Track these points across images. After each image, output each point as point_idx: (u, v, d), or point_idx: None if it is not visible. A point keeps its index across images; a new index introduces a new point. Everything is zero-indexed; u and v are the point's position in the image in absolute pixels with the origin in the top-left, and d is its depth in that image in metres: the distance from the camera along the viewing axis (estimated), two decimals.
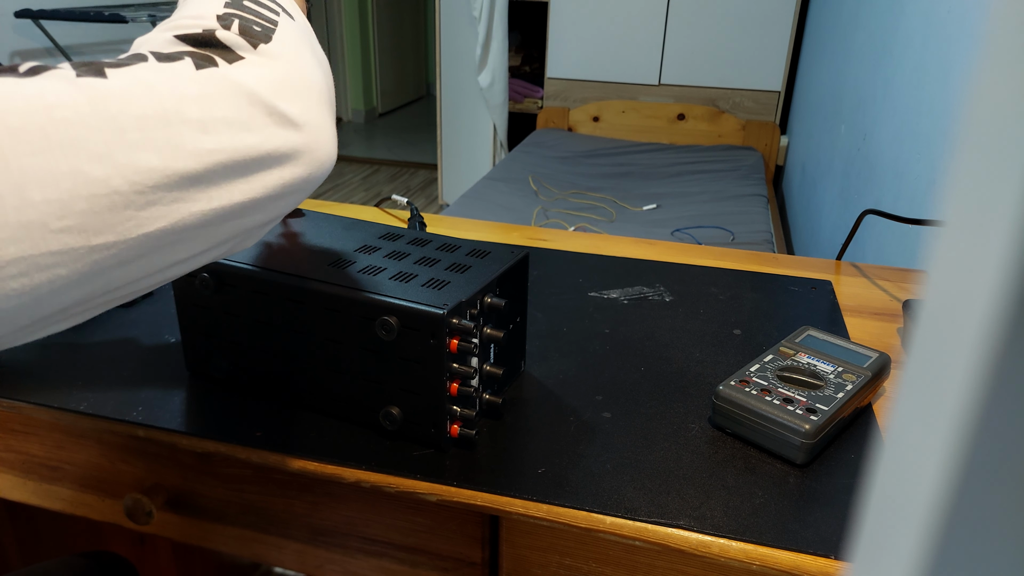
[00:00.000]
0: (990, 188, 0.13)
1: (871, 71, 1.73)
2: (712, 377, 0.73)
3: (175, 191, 0.37)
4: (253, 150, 0.40)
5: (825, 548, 0.53)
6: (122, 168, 0.35)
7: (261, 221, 0.43)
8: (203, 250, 0.42)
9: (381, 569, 0.67)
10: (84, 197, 0.34)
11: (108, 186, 0.35)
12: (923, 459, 0.15)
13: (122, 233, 0.36)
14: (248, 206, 0.41)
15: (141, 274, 0.39)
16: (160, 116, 0.37)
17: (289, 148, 0.42)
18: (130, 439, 0.69)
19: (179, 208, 0.38)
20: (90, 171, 0.34)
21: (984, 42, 0.14)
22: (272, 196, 0.42)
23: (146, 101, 0.36)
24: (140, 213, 0.36)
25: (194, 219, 0.39)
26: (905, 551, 0.16)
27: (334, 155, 0.46)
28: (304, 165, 0.43)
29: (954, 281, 0.14)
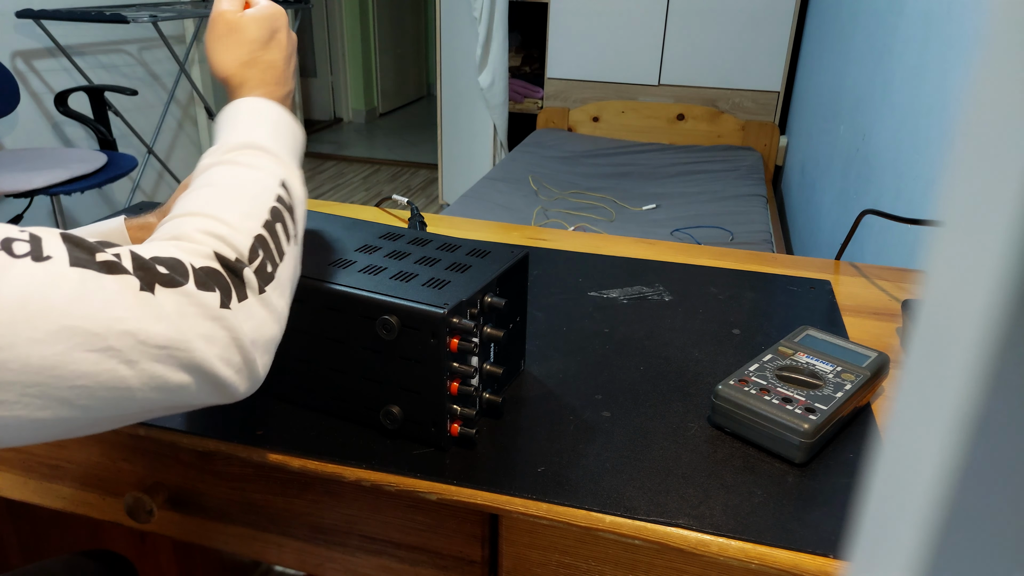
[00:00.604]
0: (989, 188, 0.13)
1: (870, 71, 1.73)
2: (711, 376, 0.73)
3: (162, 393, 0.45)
4: (224, 379, 0.47)
5: (824, 547, 0.53)
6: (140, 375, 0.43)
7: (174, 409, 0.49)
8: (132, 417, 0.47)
9: (381, 567, 0.67)
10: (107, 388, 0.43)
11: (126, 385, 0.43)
12: (922, 458, 0.15)
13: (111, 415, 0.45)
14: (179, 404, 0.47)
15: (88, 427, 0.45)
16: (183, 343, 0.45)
17: (242, 387, 0.48)
18: (131, 438, 0.69)
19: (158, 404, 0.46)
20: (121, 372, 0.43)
21: (984, 42, 0.14)
22: (199, 403, 0.48)
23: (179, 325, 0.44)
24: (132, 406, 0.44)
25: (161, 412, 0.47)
26: (904, 550, 0.16)
27: (249, 390, 0.50)
28: (233, 397, 0.49)
29: (953, 281, 0.14)
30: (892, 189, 1.42)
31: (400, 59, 5.89)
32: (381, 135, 5.26)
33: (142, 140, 2.97)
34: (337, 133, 5.27)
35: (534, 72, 3.61)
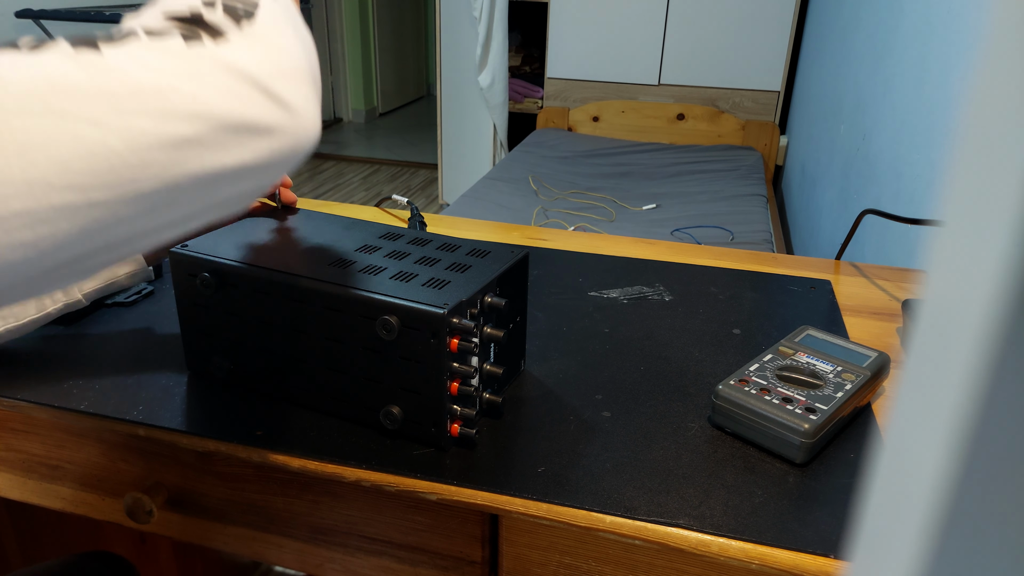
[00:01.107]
0: (989, 188, 0.13)
1: (871, 71, 1.73)
2: (711, 376, 0.73)
3: (170, 153, 0.40)
4: (241, 118, 0.42)
5: (824, 547, 0.53)
6: (118, 132, 0.38)
7: (248, 189, 0.46)
8: (195, 212, 0.44)
9: (381, 568, 0.67)
10: (82, 157, 0.37)
11: (105, 147, 0.38)
12: (923, 458, 0.15)
13: (119, 191, 0.39)
14: (239, 172, 0.43)
15: (138, 231, 0.42)
16: (153, 87, 0.39)
17: (274, 121, 0.44)
18: (131, 438, 0.69)
19: (172, 169, 0.40)
20: (88, 134, 0.37)
21: (984, 42, 0.14)
22: (260, 165, 0.44)
23: (140, 74, 0.39)
24: (136, 172, 0.39)
25: (187, 181, 0.41)
26: (904, 550, 0.16)
27: (318, 130, 0.48)
28: (290, 138, 0.45)
29: (953, 281, 0.14)
30: (892, 189, 1.42)
31: (400, 59, 5.89)
32: (381, 135, 5.26)
33: None
34: (337, 133, 5.27)
35: (534, 72, 3.61)
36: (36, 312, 0.69)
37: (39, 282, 0.40)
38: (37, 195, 0.36)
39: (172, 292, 0.83)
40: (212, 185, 0.43)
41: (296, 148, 0.46)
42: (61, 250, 0.39)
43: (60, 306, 0.70)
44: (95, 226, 0.39)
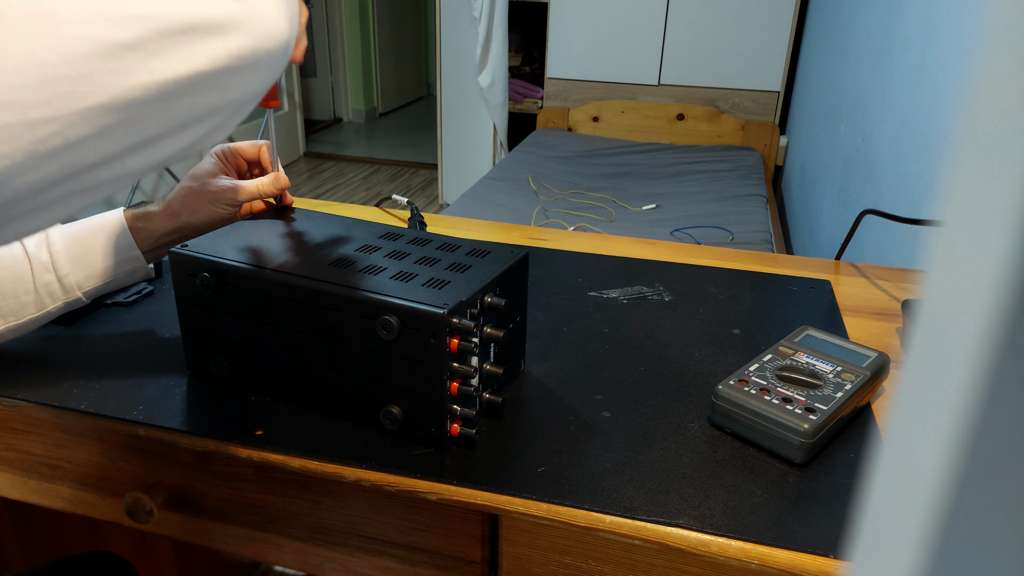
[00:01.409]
0: (989, 188, 0.13)
1: (870, 71, 1.73)
2: (711, 376, 0.73)
3: (110, 61, 0.36)
4: (188, 17, 0.39)
5: (824, 547, 0.53)
6: (48, 39, 0.35)
7: (216, 103, 0.42)
8: (159, 134, 0.41)
9: (381, 568, 0.67)
10: (12, 71, 0.34)
11: (36, 59, 0.34)
12: (922, 458, 0.15)
13: (60, 107, 0.35)
14: (196, 80, 0.40)
15: (96, 159, 0.39)
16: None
17: (226, 16, 0.40)
18: (131, 438, 0.69)
19: (118, 80, 0.37)
20: (14, 48, 0.34)
21: (983, 42, 0.14)
22: (221, 71, 0.41)
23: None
24: (75, 85, 0.36)
25: (137, 93, 0.38)
26: (904, 550, 0.16)
27: (282, 26, 0.44)
28: (248, 35, 0.41)
29: (953, 281, 0.14)
30: (892, 189, 1.42)
31: (400, 59, 5.89)
32: (381, 135, 5.26)
33: None
34: (337, 133, 5.27)
35: (534, 72, 3.61)
36: (36, 311, 0.68)
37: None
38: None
39: (172, 292, 0.83)
40: (168, 98, 0.39)
41: (259, 48, 0.42)
42: (8, 182, 0.35)
43: (60, 304, 0.69)
44: (42, 150, 0.36)
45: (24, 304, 0.68)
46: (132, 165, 0.41)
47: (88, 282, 0.70)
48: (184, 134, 0.42)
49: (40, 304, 0.68)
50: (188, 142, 0.43)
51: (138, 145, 0.40)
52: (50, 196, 0.38)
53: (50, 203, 0.39)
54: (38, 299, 0.68)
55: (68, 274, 0.68)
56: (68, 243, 0.69)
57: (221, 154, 0.76)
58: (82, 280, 0.69)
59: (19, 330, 0.69)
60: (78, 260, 0.69)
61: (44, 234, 0.69)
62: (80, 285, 0.69)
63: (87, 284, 0.70)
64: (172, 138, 0.42)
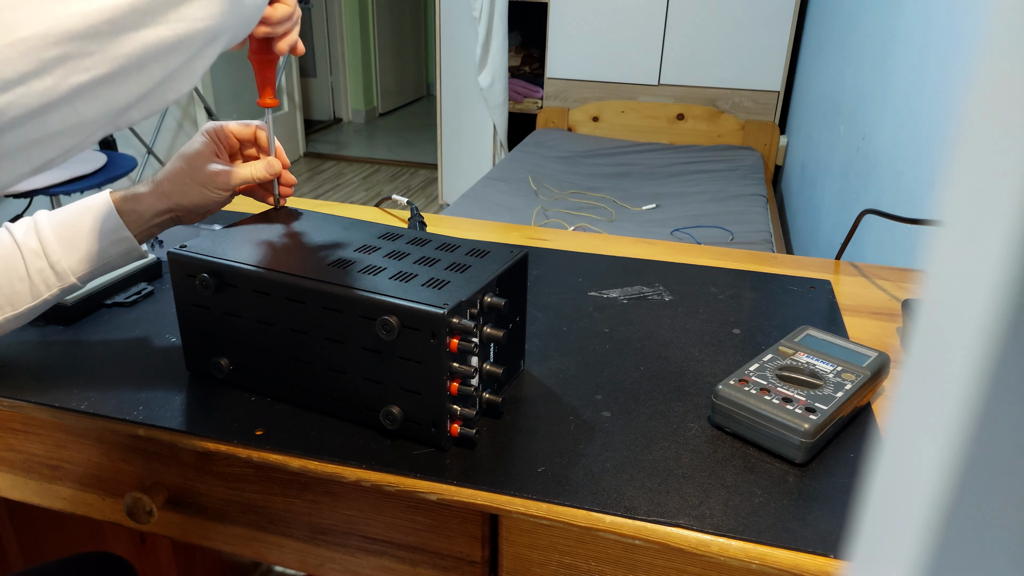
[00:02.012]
0: (988, 188, 0.13)
1: (870, 71, 1.73)
2: (711, 376, 0.73)
3: None
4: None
5: (824, 547, 0.53)
6: None
7: (168, 36, 0.42)
8: (108, 73, 0.40)
9: (382, 568, 0.67)
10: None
11: None
12: (922, 458, 0.15)
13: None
14: (141, 8, 0.40)
15: (41, 100, 0.38)
16: None
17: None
18: (131, 438, 0.69)
19: (53, 9, 0.37)
20: None
21: (983, 42, 0.14)
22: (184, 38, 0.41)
23: None
24: (4, 15, 0.36)
25: (75, 22, 0.38)
26: (904, 550, 0.16)
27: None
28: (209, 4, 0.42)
29: (953, 280, 0.14)
30: (892, 189, 1.42)
31: (400, 59, 5.89)
32: (381, 135, 5.26)
33: (142, 140, 2.96)
34: (337, 133, 5.27)
35: (534, 72, 3.61)
36: (32, 300, 0.67)
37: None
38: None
39: (172, 292, 0.83)
40: (114, 29, 0.40)
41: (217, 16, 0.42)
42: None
43: (56, 291, 0.68)
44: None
45: (19, 293, 0.66)
46: (85, 111, 0.39)
47: (81, 266, 0.68)
48: (139, 76, 0.41)
49: (36, 292, 0.67)
50: (146, 86, 0.41)
51: (86, 86, 0.39)
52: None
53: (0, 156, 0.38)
54: (33, 287, 0.67)
55: (60, 259, 0.67)
56: (57, 228, 0.67)
57: (212, 133, 0.74)
58: (75, 264, 0.68)
59: (18, 320, 0.68)
60: (69, 244, 0.67)
61: (32, 221, 0.67)
62: (73, 270, 0.68)
63: (80, 268, 0.68)
64: (126, 79, 0.40)
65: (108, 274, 0.74)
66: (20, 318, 0.68)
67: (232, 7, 0.44)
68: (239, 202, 1.16)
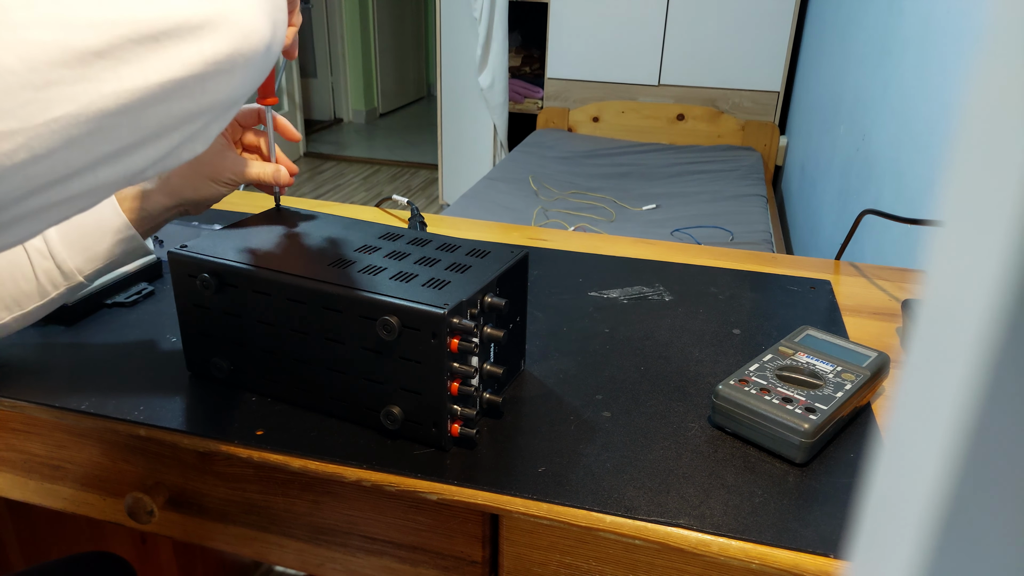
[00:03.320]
0: (989, 188, 0.13)
1: (870, 71, 1.73)
2: (711, 376, 0.73)
3: (77, 69, 0.35)
4: (160, 21, 0.37)
5: (824, 547, 0.53)
6: (11, 46, 0.33)
7: (192, 109, 0.40)
8: (131, 144, 0.39)
9: (382, 568, 0.67)
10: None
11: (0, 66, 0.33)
12: (922, 458, 0.15)
13: (24, 118, 0.34)
14: (170, 87, 0.38)
15: (65, 171, 0.37)
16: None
17: (201, 19, 0.38)
18: (131, 438, 0.69)
19: (87, 89, 0.35)
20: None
21: (983, 42, 0.14)
22: (196, 76, 0.39)
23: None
24: (40, 94, 0.34)
25: (108, 102, 0.36)
26: (904, 550, 0.16)
27: (262, 28, 0.41)
28: (225, 38, 0.39)
29: (953, 281, 0.14)
30: (892, 189, 1.42)
31: (400, 59, 5.89)
32: (381, 135, 5.26)
33: None
34: (337, 133, 5.27)
35: (534, 72, 3.61)
36: (40, 299, 0.67)
37: None
38: None
39: (172, 292, 0.83)
40: (141, 107, 0.37)
41: (236, 52, 0.39)
42: None
43: (63, 290, 0.68)
44: (7, 163, 0.34)
45: (27, 293, 0.67)
46: (104, 176, 0.39)
47: (88, 265, 0.68)
48: (159, 143, 0.41)
49: (43, 292, 0.67)
50: (164, 150, 0.41)
51: (110, 155, 0.38)
52: (18, 211, 0.37)
53: (19, 218, 0.37)
54: (40, 287, 0.67)
55: (66, 259, 0.67)
56: (62, 228, 0.67)
57: (233, 125, 0.74)
58: (81, 264, 0.68)
59: (26, 319, 0.68)
60: (74, 244, 0.67)
61: None
62: (80, 269, 0.68)
63: (87, 268, 0.68)
64: (146, 147, 0.40)
65: (110, 274, 0.74)
66: (28, 317, 0.68)
67: (256, 76, 0.44)
68: (239, 202, 1.16)
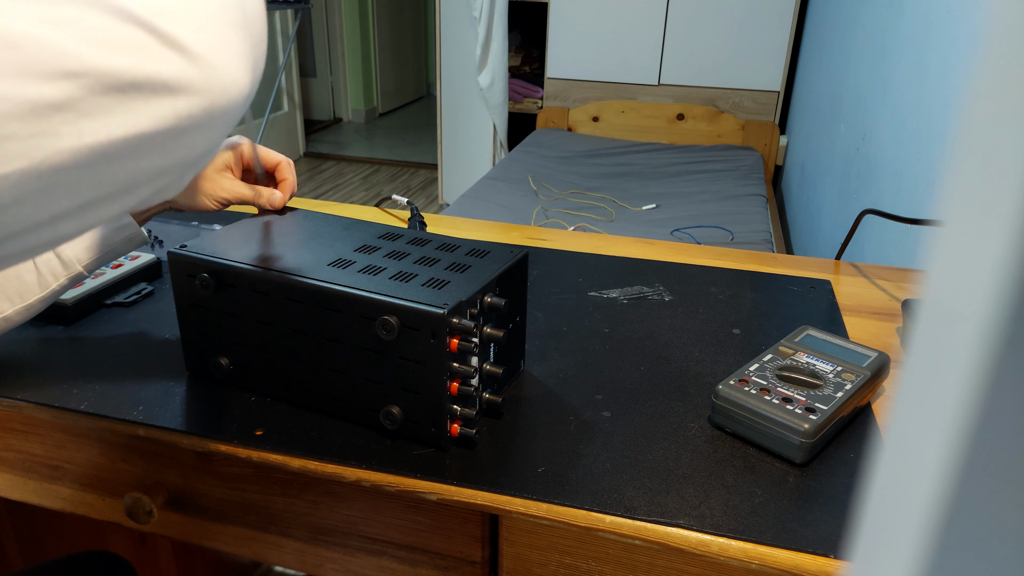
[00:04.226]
0: (989, 188, 0.13)
1: (870, 71, 1.73)
2: (711, 376, 0.73)
3: (32, 123, 0.32)
4: (129, 73, 0.34)
5: (824, 547, 0.53)
6: None
7: (161, 166, 0.37)
8: (95, 199, 0.36)
9: (382, 568, 0.67)
10: None
11: None
12: (923, 458, 0.15)
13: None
14: (136, 143, 0.35)
15: (19, 227, 0.34)
16: (5, 38, 0.31)
17: (174, 74, 0.35)
18: (130, 438, 0.69)
19: (42, 144, 0.32)
20: None
21: (983, 42, 0.14)
22: (166, 132, 0.36)
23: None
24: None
25: (64, 158, 0.33)
26: (904, 550, 0.16)
27: (243, 80, 0.38)
28: (202, 94, 0.36)
29: (953, 281, 0.14)
30: (892, 189, 1.42)
31: (400, 59, 5.89)
32: (381, 135, 5.26)
33: None
34: (337, 133, 5.27)
35: (534, 72, 3.61)
36: (41, 291, 0.68)
37: None
38: None
39: (172, 292, 0.83)
40: (104, 163, 0.35)
41: (213, 106, 0.37)
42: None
43: (64, 281, 0.69)
44: None
45: (28, 284, 0.67)
46: (65, 230, 0.37)
47: (86, 255, 0.69)
48: (126, 198, 0.37)
49: (44, 283, 0.68)
50: (131, 204, 0.38)
51: (70, 211, 0.36)
52: None
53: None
54: (41, 278, 0.68)
55: (65, 248, 0.68)
56: None
57: (239, 152, 0.77)
58: (80, 253, 0.69)
59: (28, 311, 0.68)
60: None
61: None
62: (79, 258, 0.69)
63: (85, 257, 0.69)
64: (110, 202, 0.37)
65: (108, 275, 0.75)
66: (30, 309, 0.68)
67: (234, 122, 0.40)
68: None
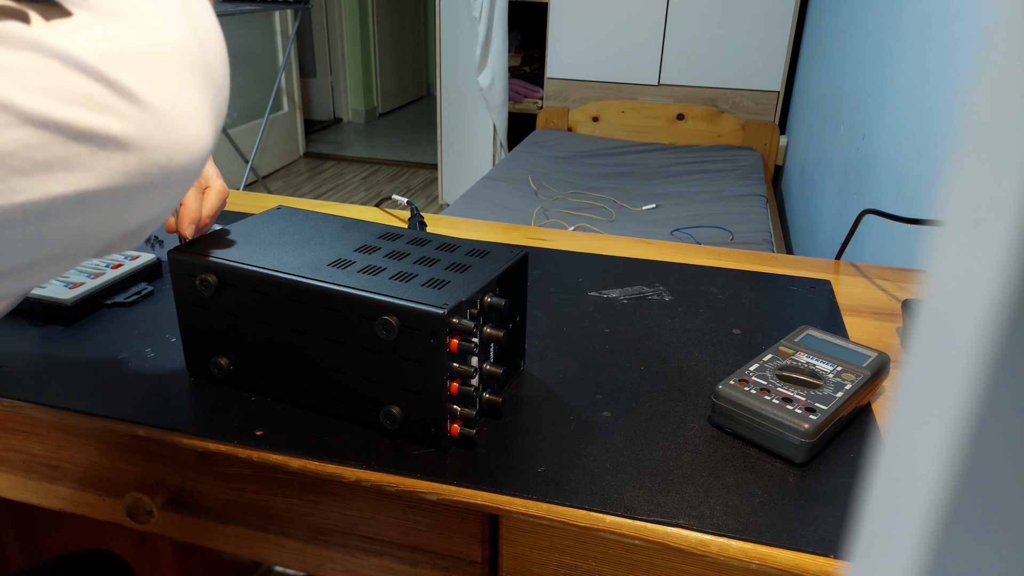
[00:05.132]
0: (989, 187, 0.13)
1: (870, 71, 1.73)
2: (711, 376, 0.73)
3: None
4: (70, 126, 0.31)
5: (824, 547, 0.53)
6: None
7: (112, 226, 0.34)
8: (30, 262, 0.33)
9: (382, 568, 0.67)
10: None
11: None
12: (923, 458, 0.15)
13: None
14: (76, 203, 0.32)
15: None
16: None
17: (124, 127, 0.32)
18: (130, 438, 0.69)
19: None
20: None
21: (983, 42, 0.14)
22: (116, 191, 0.32)
23: None
24: None
25: None
26: (904, 550, 0.16)
27: (205, 139, 0.35)
28: (156, 151, 0.33)
29: (953, 280, 0.14)
30: (892, 189, 1.42)
31: (400, 59, 5.89)
32: (381, 135, 5.26)
33: None
34: (337, 133, 5.27)
35: (534, 72, 3.61)
36: None
37: None
38: None
39: (172, 292, 0.83)
40: (43, 221, 0.31)
41: (169, 167, 0.33)
42: None
43: None
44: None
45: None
46: (7, 289, 0.34)
47: None
48: (72, 260, 0.35)
49: None
50: (79, 262, 0.35)
51: (6, 272, 0.33)
52: None
53: None
54: None
55: None
56: None
57: None
58: None
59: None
60: None
61: None
62: None
63: None
64: (56, 264, 0.34)
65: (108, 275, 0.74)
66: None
67: (190, 182, 0.36)
68: (239, 202, 1.16)
